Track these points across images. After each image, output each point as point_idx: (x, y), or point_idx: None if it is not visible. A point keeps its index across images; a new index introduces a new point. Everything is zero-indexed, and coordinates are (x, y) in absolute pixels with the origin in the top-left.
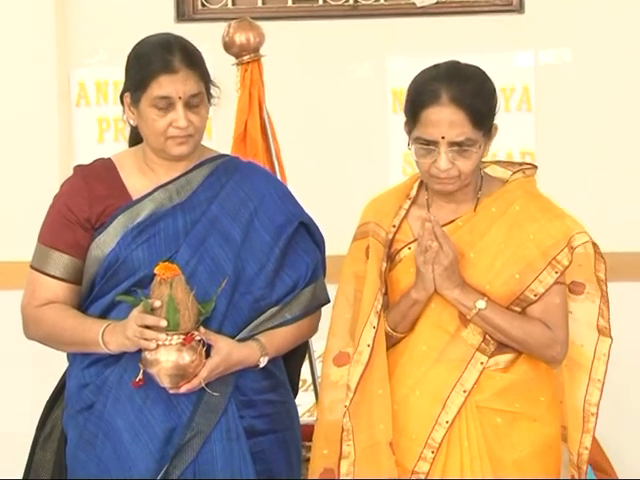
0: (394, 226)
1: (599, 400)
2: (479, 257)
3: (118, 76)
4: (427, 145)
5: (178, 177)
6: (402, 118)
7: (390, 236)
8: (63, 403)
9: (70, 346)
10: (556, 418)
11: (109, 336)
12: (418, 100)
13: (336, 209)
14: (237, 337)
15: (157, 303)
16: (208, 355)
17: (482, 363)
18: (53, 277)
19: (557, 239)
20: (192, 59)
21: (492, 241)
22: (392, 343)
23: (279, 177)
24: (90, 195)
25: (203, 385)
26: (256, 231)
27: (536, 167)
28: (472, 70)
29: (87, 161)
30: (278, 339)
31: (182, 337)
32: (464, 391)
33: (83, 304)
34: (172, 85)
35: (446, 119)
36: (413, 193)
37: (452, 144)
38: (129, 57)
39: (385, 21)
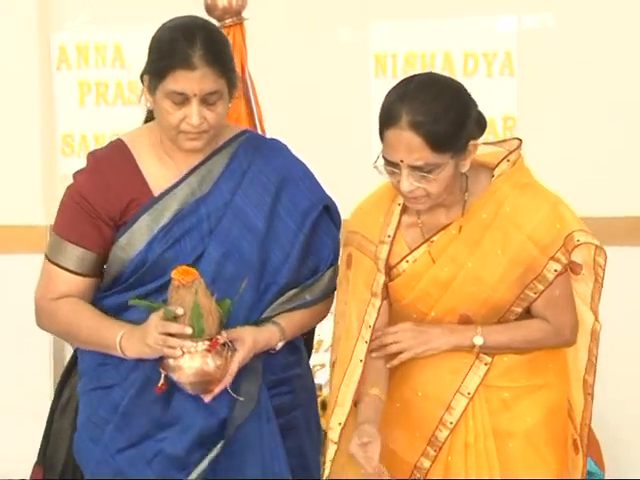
0: (389, 236)
1: (593, 382)
2: (478, 267)
3: (99, 39)
4: (390, 166)
5: (198, 165)
6: (385, 82)
7: (388, 247)
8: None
9: (85, 345)
10: (564, 382)
11: (126, 342)
12: (382, 118)
13: (318, 173)
14: (260, 317)
15: (180, 311)
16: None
17: (487, 364)
18: (70, 271)
19: (553, 237)
20: (214, 55)
21: (489, 249)
22: None
23: None
24: (109, 189)
25: (229, 390)
26: (280, 218)
27: (520, 142)
28: (443, 86)
29: (68, 124)
30: (295, 322)
31: (207, 343)
32: (468, 393)
33: (99, 295)
34: (188, 82)
35: (404, 143)
36: (401, 199)
37: (412, 168)
38: (152, 39)
39: None
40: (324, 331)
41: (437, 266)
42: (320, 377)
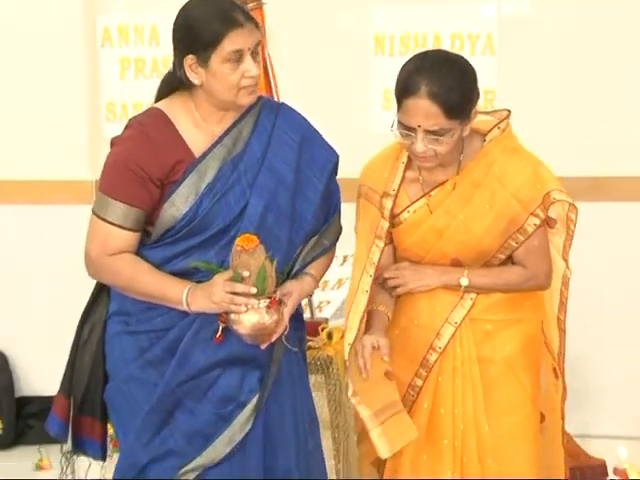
0: (394, 190)
1: (565, 319)
2: (469, 219)
3: (138, 21)
4: (406, 130)
5: (229, 128)
6: (383, 60)
7: (392, 199)
8: (100, 307)
9: (144, 297)
10: (538, 314)
11: (191, 298)
12: (402, 88)
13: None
14: (294, 270)
15: (246, 273)
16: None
17: (472, 299)
18: (126, 229)
19: (533, 196)
20: (247, 12)
21: (478, 204)
22: None
23: None
24: (157, 153)
25: (282, 340)
26: (303, 172)
27: (509, 112)
28: (454, 63)
29: (111, 94)
30: (321, 268)
31: (267, 300)
32: (455, 322)
33: (145, 247)
34: (243, 39)
35: (422, 110)
36: (405, 158)
37: (427, 132)
38: (182, 24)
39: None
40: (328, 272)
41: (433, 217)
42: (325, 312)
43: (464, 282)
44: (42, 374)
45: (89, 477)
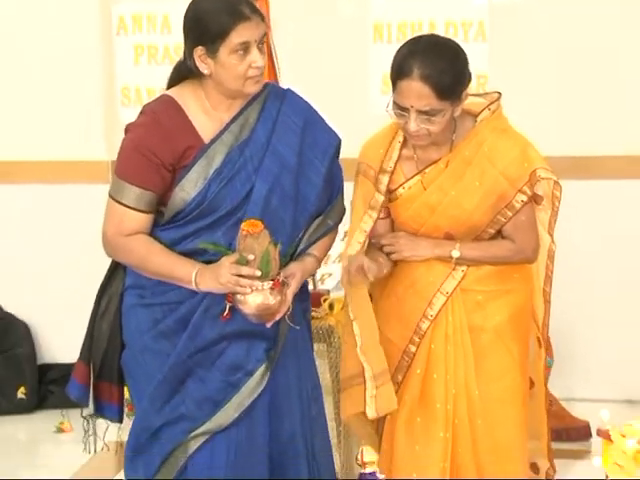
0: (390, 167)
1: (550, 291)
2: (460, 195)
3: (151, 10)
4: (400, 110)
5: (237, 115)
6: (381, 47)
7: (389, 176)
8: (117, 280)
9: (155, 275)
10: (528, 285)
11: (200, 278)
12: (396, 71)
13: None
14: (299, 249)
15: (251, 257)
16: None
17: (463, 271)
18: (140, 211)
19: (520, 174)
20: (253, 6)
21: (469, 182)
22: None
23: None
24: (168, 139)
25: (286, 319)
26: (306, 156)
27: (500, 95)
28: (446, 46)
29: (125, 79)
30: (324, 248)
31: (271, 282)
32: (447, 292)
33: (158, 228)
34: (249, 31)
35: (415, 92)
36: (401, 137)
37: (420, 112)
38: (192, 17)
39: None
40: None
41: (427, 193)
42: (327, 284)
43: (455, 254)
44: (62, 343)
45: (107, 438)
